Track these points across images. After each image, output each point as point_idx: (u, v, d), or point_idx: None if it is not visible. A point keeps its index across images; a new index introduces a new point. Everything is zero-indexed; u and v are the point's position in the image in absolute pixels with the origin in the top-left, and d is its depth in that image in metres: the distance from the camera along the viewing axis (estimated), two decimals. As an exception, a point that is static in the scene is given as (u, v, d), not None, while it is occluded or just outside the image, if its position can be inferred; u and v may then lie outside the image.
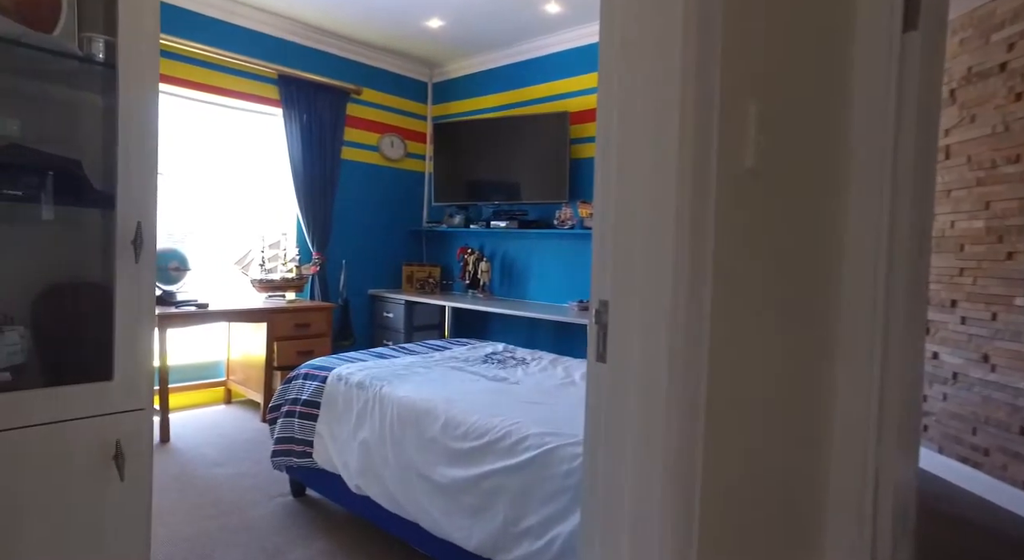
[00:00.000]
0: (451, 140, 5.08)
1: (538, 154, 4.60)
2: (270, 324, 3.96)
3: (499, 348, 3.33)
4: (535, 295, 4.83)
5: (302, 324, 4.12)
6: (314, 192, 4.71)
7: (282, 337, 4.00)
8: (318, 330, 4.21)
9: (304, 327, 4.12)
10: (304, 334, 4.12)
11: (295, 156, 4.63)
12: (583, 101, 4.50)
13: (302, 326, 4.11)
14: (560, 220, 4.46)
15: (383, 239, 5.34)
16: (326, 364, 2.83)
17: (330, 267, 4.88)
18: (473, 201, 5.05)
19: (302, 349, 4.06)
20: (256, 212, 4.71)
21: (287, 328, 4.03)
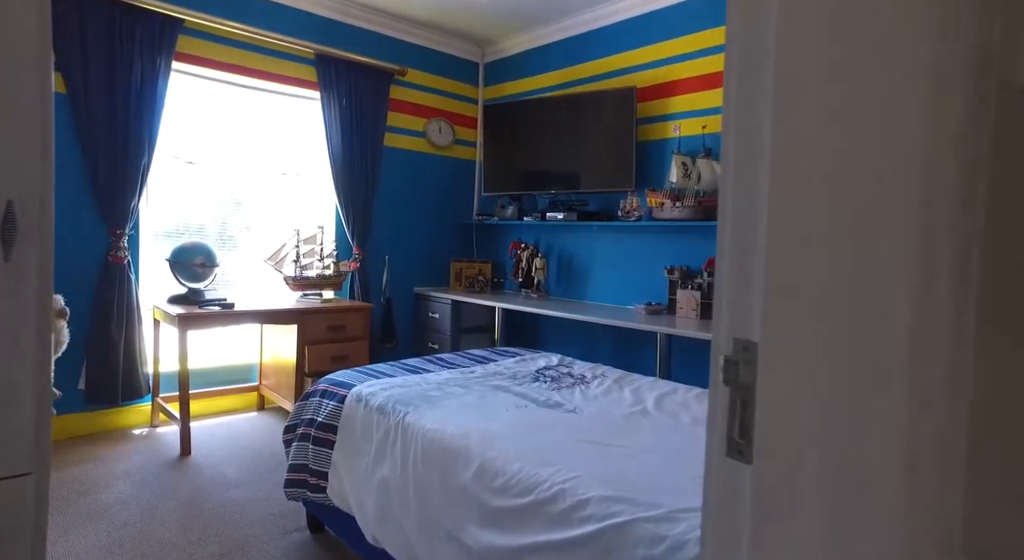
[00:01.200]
0: (503, 123, 4.57)
1: (600, 137, 4.03)
2: (301, 326, 3.56)
3: (553, 361, 2.79)
4: (595, 295, 4.26)
5: (337, 326, 3.71)
6: (354, 182, 4.30)
7: (314, 340, 3.60)
8: (354, 333, 3.79)
9: (339, 330, 3.71)
10: (339, 337, 3.70)
11: (334, 143, 4.23)
12: (652, 75, 3.90)
13: (337, 328, 3.70)
14: (625, 211, 3.88)
15: (429, 233, 4.89)
16: (347, 379, 2.38)
17: (371, 263, 4.46)
18: (527, 190, 4.52)
19: (336, 354, 3.65)
20: (291, 204, 4.34)
21: (320, 331, 3.63)
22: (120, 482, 2.79)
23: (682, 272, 3.68)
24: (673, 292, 3.71)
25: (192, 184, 3.87)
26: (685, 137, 3.62)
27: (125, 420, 3.50)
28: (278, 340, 3.82)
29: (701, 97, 3.65)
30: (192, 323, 3.18)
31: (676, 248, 3.80)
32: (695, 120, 3.66)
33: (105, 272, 3.32)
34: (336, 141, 4.23)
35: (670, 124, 3.81)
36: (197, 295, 3.44)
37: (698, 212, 3.48)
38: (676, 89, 3.78)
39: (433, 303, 4.62)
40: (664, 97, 3.84)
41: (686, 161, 3.60)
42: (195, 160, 3.86)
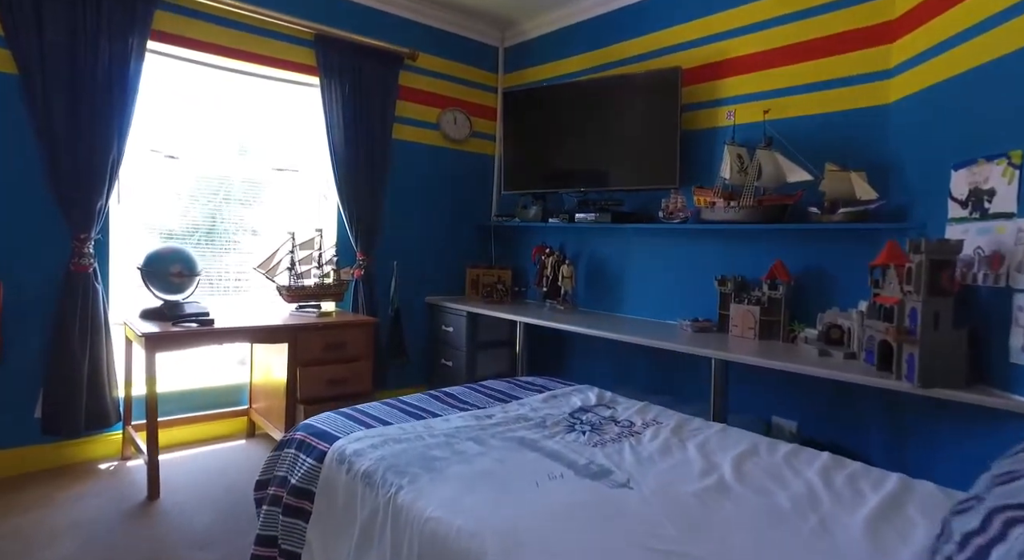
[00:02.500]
0: (526, 113, 4.02)
1: (637, 127, 3.47)
2: (293, 345, 3.05)
3: (591, 400, 2.24)
4: (631, 308, 3.70)
5: (335, 344, 3.19)
6: (358, 179, 3.78)
7: (309, 361, 3.08)
8: (356, 352, 3.26)
9: (338, 348, 3.19)
10: (338, 357, 3.18)
11: (335, 135, 3.72)
12: (700, 53, 3.32)
13: (335, 347, 3.18)
14: (668, 211, 3.30)
15: (443, 236, 4.35)
16: (330, 428, 1.85)
17: (378, 271, 3.94)
18: (553, 189, 3.97)
19: (334, 377, 3.13)
20: (287, 204, 3.84)
21: (315, 350, 3.11)
22: (65, 538, 2.29)
23: (736, 283, 3.10)
24: (725, 306, 3.13)
25: (174, 181, 3.38)
26: (741, 125, 3.04)
27: (91, 452, 3.02)
28: (270, 358, 3.31)
29: (762, 77, 3.06)
30: (161, 344, 2.68)
31: (729, 255, 3.22)
32: (754, 105, 3.07)
33: (67, 283, 2.83)
34: (338, 133, 3.71)
35: (721, 110, 3.23)
36: (174, 309, 2.95)
37: (757, 213, 2.90)
38: (730, 69, 3.20)
39: (447, 315, 4.09)
40: (715, 79, 3.26)
41: (741, 153, 3.02)
42: (177, 154, 3.37)
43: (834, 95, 2.83)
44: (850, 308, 2.69)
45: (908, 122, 2.54)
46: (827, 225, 2.70)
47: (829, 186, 2.68)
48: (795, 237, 2.96)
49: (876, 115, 2.70)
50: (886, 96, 2.67)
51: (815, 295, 2.90)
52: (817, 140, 2.85)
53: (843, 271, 2.83)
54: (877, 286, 2.43)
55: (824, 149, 2.79)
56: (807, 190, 2.78)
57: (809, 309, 2.87)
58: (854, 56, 2.76)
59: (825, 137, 2.84)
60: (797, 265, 2.94)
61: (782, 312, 2.89)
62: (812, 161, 2.76)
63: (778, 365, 2.41)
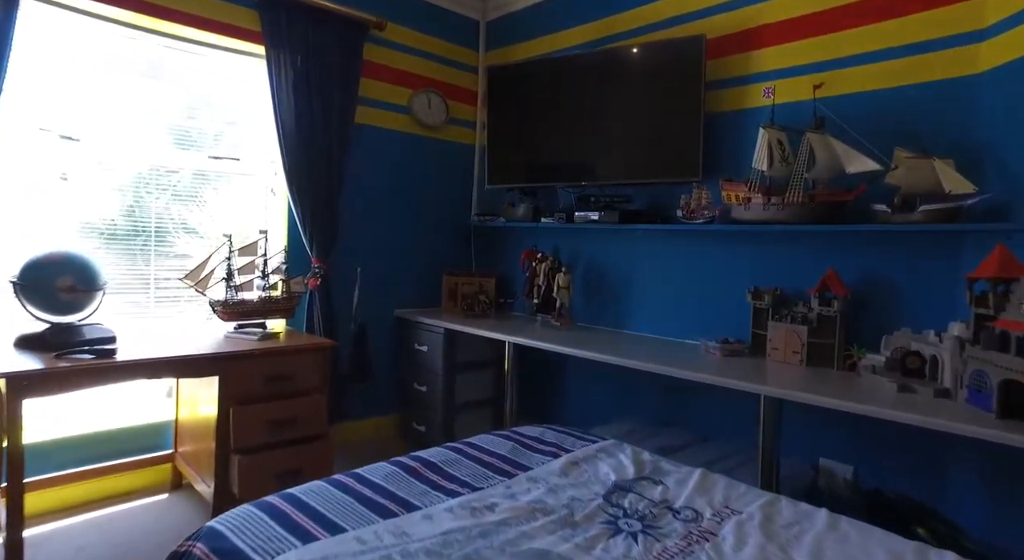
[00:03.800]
0: (514, 93, 3.37)
1: (649, 108, 2.86)
2: (225, 378, 2.35)
3: (626, 467, 1.60)
4: (640, 325, 3.08)
5: (281, 375, 2.49)
6: (314, 170, 3.08)
7: (245, 398, 2.38)
8: (307, 384, 2.57)
9: (284, 380, 2.49)
10: (283, 391, 2.49)
11: (285, 117, 3.01)
12: (727, 20, 2.72)
13: (281, 378, 2.49)
14: (688, 210, 2.70)
15: (416, 238, 3.68)
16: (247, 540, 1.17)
17: (338, 280, 3.25)
18: (546, 183, 3.33)
19: (279, 417, 2.44)
20: (224, 199, 3.12)
21: (254, 383, 2.41)
22: None
23: (774, 296, 2.51)
24: (760, 324, 2.54)
25: (73, 169, 2.63)
26: (782, 105, 2.45)
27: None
28: (198, 391, 2.60)
29: (808, 46, 2.48)
30: (33, 389, 1.95)
31: (765, 262, 2.63)
32: (798, 80, 2.49)
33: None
34: (289, 115, 3.01)
35: (754, 88, 2.64)
36: (62, 335, 2.22)
37: (807, 211, 2.31)
38: (766, 37, 2.60)
39: (420, 331, 3.42)
40: (747, 50, 2.66)
41: (782, 138, 2.43)
42: (77, 135, 2.63)
43: (903, 65, 2.25)
44: (925, 329, 2.13)
45: (1010, 94, 1.98)
46: (901, 226, 2.12)
47: (905, 178, 2.10)
48: (852, 241, 2.39)
49: (962, 88, 2.13)
50: (975, 64, 2.11)
51: (876, 313, 2.33)
52: (881, 121, 2.27)
53: (916, 283, 2.26)
54: (984, 305, 1.86)
55: (890, 132, 2.22)
56: (871, 183, 2.20)
57: (867, 330, 2.30)
58: (933, 15, 2.19)
59: (892, 117, 2.27)
60: (854, 275, 2.36)
61: (837, 333, 2.31)
62: (876, 147, 2.19)
63: (856, 408, 1.82)
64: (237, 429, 2.33)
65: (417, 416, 3.45)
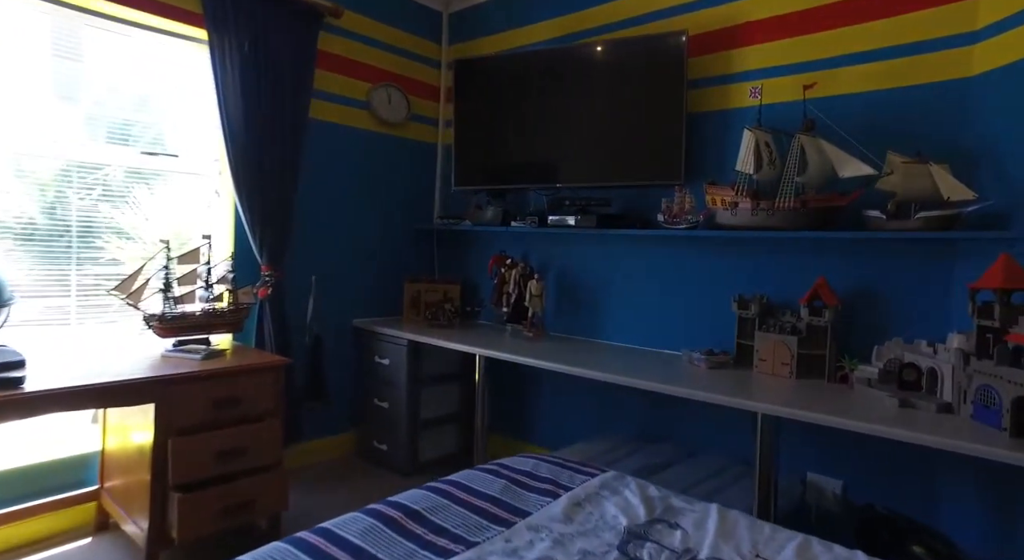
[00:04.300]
0: (483, 88, 3.15)
1: (628, 107, 2.70)
2: (164, 406, 2.04)
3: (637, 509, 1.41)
4: (618, 334, 2.92)
5: (229, 399, 2.19)
6: (264, 169, 2.78)
7: (187, 427, 2.08)
8: (260, 407, 2.28)
9: (232, 404, 2.20)
10: (232, 417, 2.19)
11: (231, 110, 2.70)
12: (711, 15, 2.59)
13: (229, 403, 2.19)
14: (670, 214, 2.55)
15: (375, 242, 3.41)
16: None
17: (291, 288, 2.95)
18: (518, 185, 3.13)
19: (225, 447, 2.14)
20: (161, 200, 2.78)
21: (197, 410, 2.11)
22: None
23: (761, 305, 2.38)
24: (746, 334, 2.42)
25: (-21, 165, 2.27)
26: (770, 105, 2.33)
27: None
28: (129, 418, 2.27)
29: (796, 45, 2.37)
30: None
31: (751, 270, 2.51)
32: (786, 80, 2.37)
33: None
34: (235, 108, 2.70)
35: (740, 87, 2.52)
36: (-37, 359, 1.87)
37: (799, 217, 2.19)
38: (752, 34, 2.48)
39: (381, 343, 3.16)
40: (732, 47, 2.53)
41: (768, 140, 2.31)
42: (-16, 126, 2.26)
43: (894, 66, 2.16)
44: (917, 339, 2.04)
45: (1006, 98, 1.91)
46: (897, 234, 2.02)
47: (902, 183, 2.01)
48: (841, 248, 2.28)
49: (955, 91, 2.05)
50: (968, 67, 2.03)
51: (866, 322, 2.24)
52: (871, 124, 2.18)
53: (907, 292, 2.17)
54: (988, 316, 1.77)
55: (880, 135, 2.13)
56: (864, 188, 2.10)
57: (857, 340, 2.21)
58: (924, 15, 2.10)
59: (882, 120, 2.18)
60: (843, 284, 2.26)
61: (828, 344, 2.20)
62: (866, 150, 2.09)
63: (865, 428, 1.69)
64: (177, 463, 2.03)
65: (378, 434, 3.19)
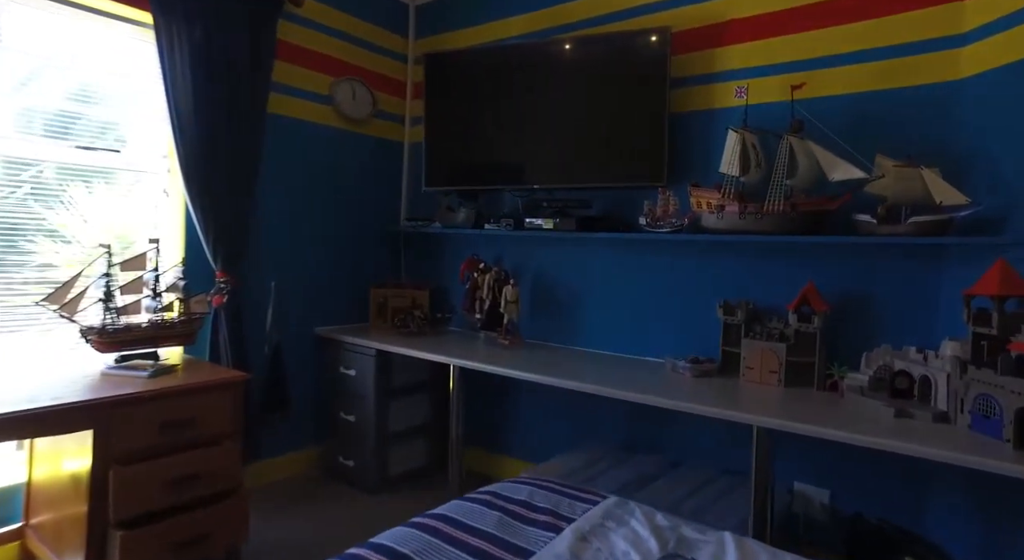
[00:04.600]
0: (456, 85, 2.98)
1: (609, 106, 2.58)
2: (103, 432, 1.80)
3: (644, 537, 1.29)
4: (597, 341, 2.80)
5: (180, 421, 1.97)
6: (218, 166, 2.55)
7: (131, 455, 1.85)
8: (215, 428, 2.06)
9: (184, 427, 1.98)
10: (184, 441, 1.97)
11: (181, 102, 2.46)
12: (696, 12, 2.50)
13: (180, 425, 1.97)
14: (653, 217, 2.45)
15: (339, 246, 3.21)
16: None
17: (249, 295, 2.73)
18: (492, 185, 2.98)
19: (176, 475, 1.91)
20: (102, 201, 2.51)
21: (143, 435, 1.89)
22: None
23: (748, 310, 2.31)
24: (732, 341, 2.34)
25: None
26: (754, 106, 2.25)
27: None
28: (61, 444, 2.01)
29: (784, 43, 2.30)
30: None
31: (736, 275, 2.43)
32: (773, 79, 2.30)
33: None
34: (185, 99, 2.46)
35: (722, 87, 2.43)
36: None
37: (788, 221, 2.12)
38: (738, 32, 2.40)
39: (347, 353, 2.96)
40: (715, 46, 2.45)
41: (754, 141, 2.24)
42: None
43: (881, 67, 2.11)
44: (905, 346, 2.00)
45: (994, 103, 1.87)
46: (889, 239, 1.97)
47: (893, 187, 1.95)
48: (829, 253, 2.23)
49: (943, 93, 2.02)
50: (956, 69, 1.99)
51: (853, 329, 2.18)
52: (858, 126, 2.12)
53: (894, 298, 2.12)
54: (985, 323, 1.72)
55: (868, 138, 2.07)
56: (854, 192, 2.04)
57: (843, 347, 2.15)
58: (910, 17, 2.06)
59: (869, 122, 2.13)
60: (829, 289, 2.20)
61: (817, 351, 2.14)
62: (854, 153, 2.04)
63: (872, 442, 1.62)
64: (119, 495, 1.79)
65: (344, 449, 2.99)
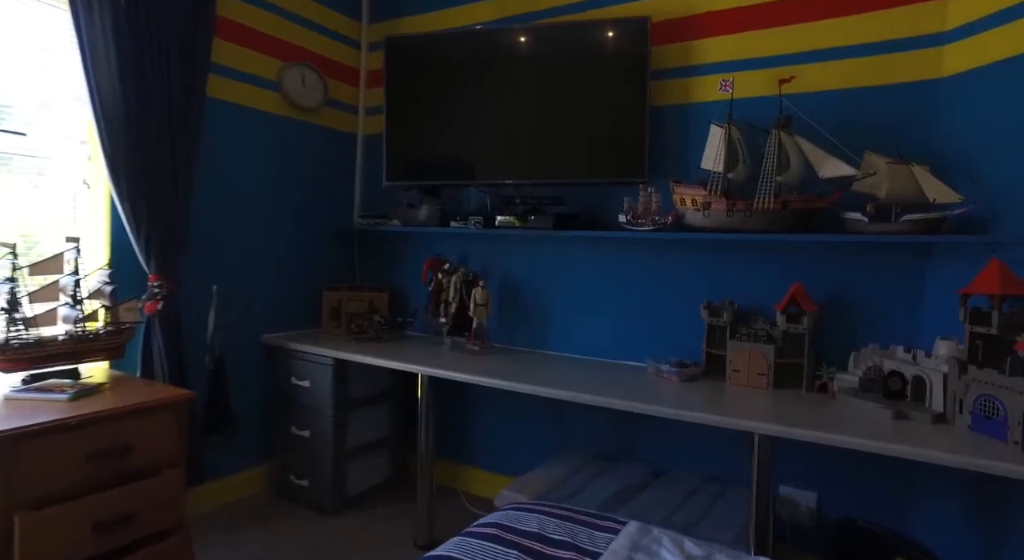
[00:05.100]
0: (420, 72, 2.74)
1: (586, 98, 2.43)
2: (6, 473, 1.47)
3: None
4: (572, 345, 2.65)
5: (109, 453, 1.65)
6: (150, 155, 2.21)
7: (47, 497, 1.52)
8: (154, 456, 1.75)
9: (115, 457, 1.66)
10: (115, 476, 1.65)
11: (103, 81, 2.11)
12: (674, 3, 2.38)
13: (110, 455, 1.65)
14: (633, 215, 2.32)
15: (288, 246, 2.91)
16: None
17: (189, 301, 2.40)
18: (460, 181, 2.76)
19: (105, 517, 1.60)
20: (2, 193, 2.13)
21: (63, 472, 1.56)
22: None
23: (734, 311, 2.21)
24: (716, 343, 2.24)
25: None
26: (743, 100, 2.16)
27: None
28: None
29: (772, 36, 2.21)
30: None
31: (717, 275, 2.33)
32: (755, 73, 2.21)
33: None
34: (109, 77, 2.11)
35: (702, 80, 2.33)
36: None
37: (779, 220, 2.03)
38: (721, 24, 2.30)
39: (299, 362, 2.67)
40: (699, 37, 2.34)
41: (738, 135, 2.14)
42: None
43: (866, 64, 2.06)
44: (892, 345, 1.96)
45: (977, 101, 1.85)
46: (882, 237, 1.91)
47: (888, 185, 1.89)
48: (815, 252, 2.16)
49: (925, 92, 1.98)
50: (939, 68, 1.96)
51: (838, 329, 2.13)
52: (844, 122, 2.06)
53: (879, 297, 2.08)
54: (984, 323, 1.68)
55: (853, 135, 2.01)
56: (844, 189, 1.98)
57: (829, 347, 2.10)
58: (894, 13, 2.02)
59: (853, 119, 2.07)
60: (816, 289, 2.13)
61: (806, 353, 2.06)
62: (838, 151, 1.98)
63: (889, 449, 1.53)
64: (29, 548, 1.47)
65: (297, 467, 2.70)
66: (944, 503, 1.97)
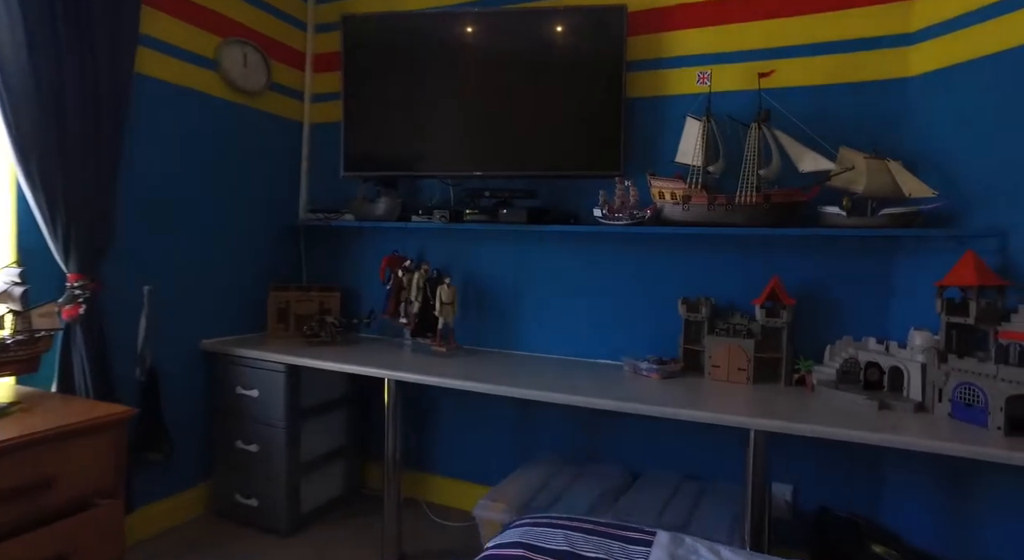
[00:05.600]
0: (380, 56, 2.52)
1: (558, 88, 2.32)
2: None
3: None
4: (542, 344, 2.53)
5: (26, 487, 1.36)
6: (67, 139, 1.88)
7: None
8: (86, 488, 1.47)
9: (33, 494, 1.37)
10: (36, 514, 1.36)
11: (5, 48, 1.77)
12: (645, -7, 2.32)
13: (26, 493, 1.36)
14: (609, 209, 2.23)
15: (229, 242, 2.61)
16: None
17: (115, 303, 2.07)
18: (424, 172, 2.57)
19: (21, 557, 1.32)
20: None
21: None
22: None
23: (711, 307, 2.17)
24: (693, 339, 2.20)
25: None
26: (721, 93, 2.12)
27: None
28: None
29: (752, 29, 2.17)
30: None
31: (694, 270, 2.28)
32: (740, 67, 2.17)
33: None
34: (13, 43, 1.77)
35: (676, 73, 2.28)
36: None
37: (760, 214, 2.00)
38: (699, 15, 2.25)
39: (245, 370, 2.39)
40: (676, 28, 2.28)
41: (716, 131, 2.10)
42: None
43: (837, 61, 2.07)
44: (864, 336, 1.98)
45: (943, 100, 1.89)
46: (863, 231, 1.92)
47: (867, 180, 1.90)
48: (791, 246, 2.15)
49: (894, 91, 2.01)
50: (906, 67, 2.00)
51: (812, 322, 2.13)
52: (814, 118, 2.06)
53: (852, 290, 2.10)
54: (961, 313, 1.71)
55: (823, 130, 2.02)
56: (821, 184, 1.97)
57: (802, 340, 2.10)
58: (862, 12, 2.04)
59: (825, 115, 2.07)
60: (792, 283, 2.13)
61: (784, 346, 2.05)
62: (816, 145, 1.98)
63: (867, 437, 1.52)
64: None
65: (243, 485, 2.42)
66: (910, 489, 2.01)
